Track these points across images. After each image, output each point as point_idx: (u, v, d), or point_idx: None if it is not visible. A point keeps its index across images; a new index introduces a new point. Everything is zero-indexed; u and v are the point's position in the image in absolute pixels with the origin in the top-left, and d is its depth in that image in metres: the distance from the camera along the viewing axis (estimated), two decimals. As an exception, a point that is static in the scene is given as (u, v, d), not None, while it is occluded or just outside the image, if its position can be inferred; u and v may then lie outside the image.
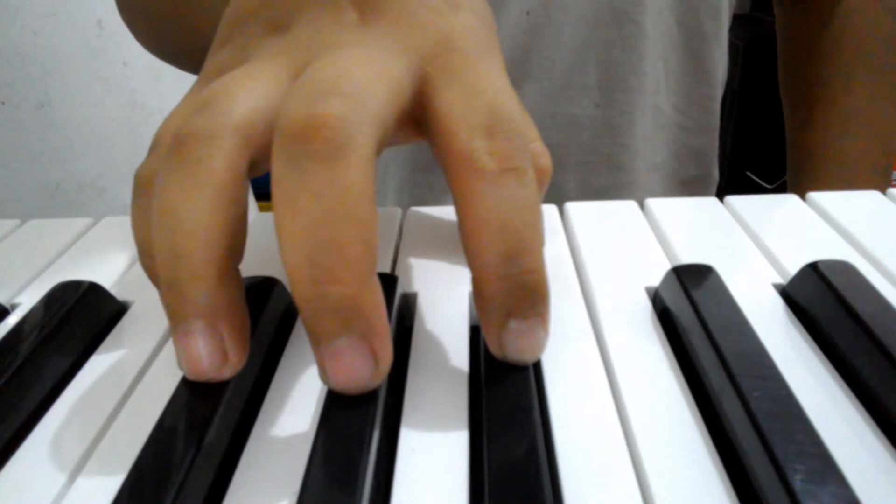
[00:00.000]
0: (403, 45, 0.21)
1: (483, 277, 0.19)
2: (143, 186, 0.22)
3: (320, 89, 0.19)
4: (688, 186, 0.56)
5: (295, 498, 0.17)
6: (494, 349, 0.20)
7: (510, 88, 0.21)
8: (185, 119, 0.20)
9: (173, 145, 0.19)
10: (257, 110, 0.20)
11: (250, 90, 0.20)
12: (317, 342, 0.18)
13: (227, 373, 0.20)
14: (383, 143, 0.20)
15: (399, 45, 0.21)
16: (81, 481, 0.19)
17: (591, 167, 0.52)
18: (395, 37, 0.21)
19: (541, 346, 0.20)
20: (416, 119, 0.21)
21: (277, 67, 0.21)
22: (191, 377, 0.20)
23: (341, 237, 0.17)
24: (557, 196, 0.53)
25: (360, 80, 0.19)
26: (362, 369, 0.18)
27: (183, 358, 0.19)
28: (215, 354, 0.19)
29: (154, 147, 0.22)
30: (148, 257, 0.22)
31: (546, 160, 0.27)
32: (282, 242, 0.18)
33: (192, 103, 0.20)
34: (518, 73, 0.49)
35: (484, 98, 0.20)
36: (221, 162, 0.19)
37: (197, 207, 0.19)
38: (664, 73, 0.51)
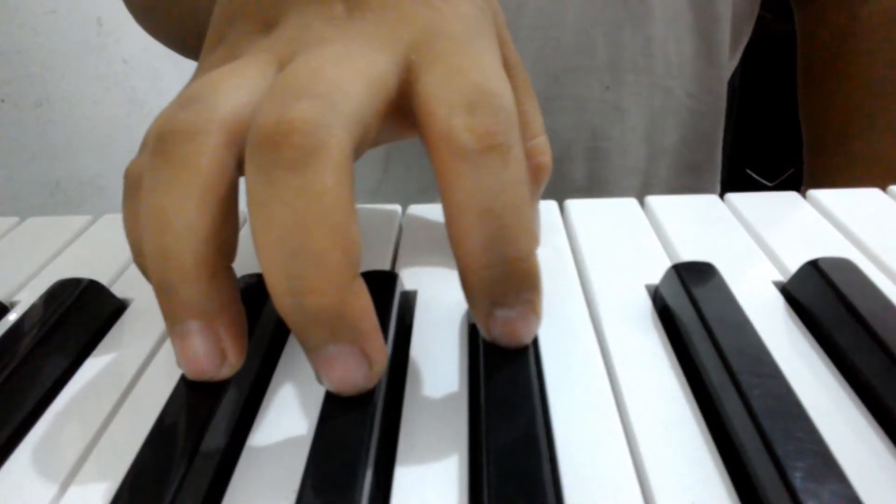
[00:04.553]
0: (388, 36, 0.20)
1: (466, 267, 0.19)
2: (133, 185, 0.21)
3: (291, 92, 0.18)
4: (694, 172, 0.56)
5: (294, 498, 0.17)
6: (483, 334, 0.20)
7: (498, 70, 0.20)
8: (169, 115, 0.19)
9: (158, 143, 0.19)
10: (243, 105, 0.19)
11: (236, 85, 0.20)
12: (307, 350, 0.18)
13: (226, 371, 0.19)
14: (364, 142, 0.19)
15: (384, 36, 0.20)
16: (81, 479, 0.19)
17: (599, 153, 0.52)
18: (381, 29, 0.21)
19: (531, 331, 0.20)
20: (406, 112, 0.20)
21: (264, 63, 0.21)
22: (190, 377, 0.20)
23: (316, 246, 0.17)
24: (564, 185, 0.52)
25: (334, 78, 0.19)
26: (356, 373, 0.18)
27: (181, 358, 0.19)
28: (213, 354, 0.19)
29: (144, 145, 0.22)
30: (141, 256, 0.21)
31: (546, 158, 0.27)
32: (258, 253, 0.17)
33: (179, 99, 0.20)
34: (521, 52, 0.48)
35: (466, 76, 0.19)
36: (207, 159, 0.18)
37: (184, 207, 0.18)
38: (676, 55, 0.50)
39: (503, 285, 0.19)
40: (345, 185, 0.17)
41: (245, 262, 0.21)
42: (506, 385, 0.20)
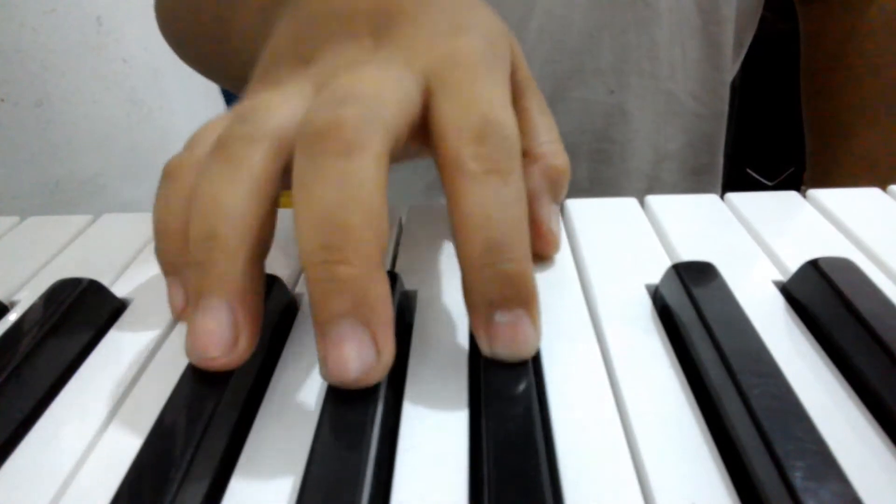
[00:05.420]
0: (411, 63, 0.23)
1: (467, 268, 0.20)
2: (172, 175, 0.24)
3: (338, 97, 0.20)
4: (698, 175, 0.56)
5: (296, 494, 0.17)
6: (484, 346, 0.21)
7: (505, 101, 0.22)
8: (227, 127, 0.22)
9: (217, 147, 0.21)
10: (288, 120, 0.22)
11: (282, 105, 0.22)
12: (322, 328, 0.19)
13: (232, 358, 0.20)
14: (395, 151, 0.21)
15: (408, 63, 0.23)
16: (81, 479, 0.19)
17: (604, 156, 0.52)
18: (405, 57, 0.23)
19: (528, 343, 0.21)
20: (424, 130, 0.22)
21: (304, 87, 0.23)
22: (196, 358, 0.20)
23: (352, 221, 0.19)
24: (567, 186, 0.52)
25: (373, 90, 0.21)
26: (364, 357, 0.19)
27: (193, 335, 0.20)
28: (227, 334, 0.20)
29: (189, 146, 0.24)
30: (165, 241, 0.23)
31: (560, 160, 0.28)
32: (297, 228, 0.19)
33: (233, 117, 0.23)
34: (528, 54, 0.49)
35: (477, 109, 0.21)
36: (259, 160, 0.21)
37: (236, 196, 0.20)
38: (681, 59, 0.51)
39: (500, 285, 0.20)
40: (382, 176, 0.20)
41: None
42: (506, 385, 0.20)
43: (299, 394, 0.22)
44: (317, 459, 0.17)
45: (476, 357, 0.22)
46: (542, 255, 0.28)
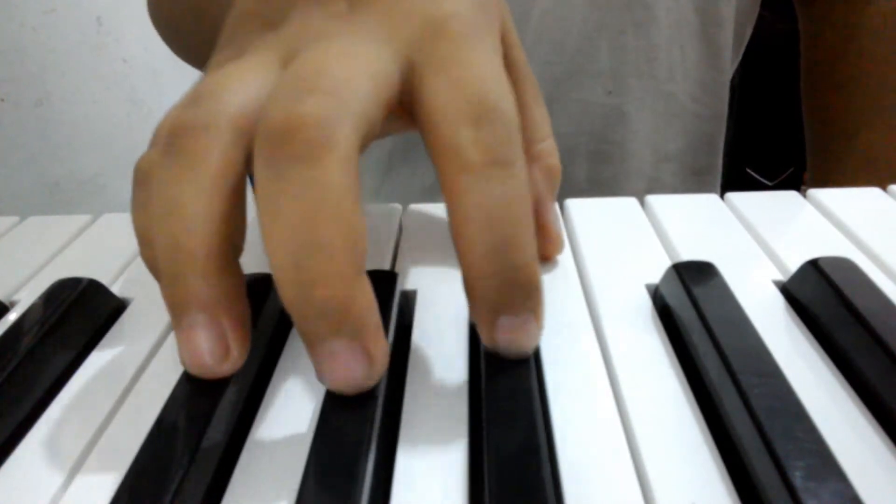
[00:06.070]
0: (391, 33, 0.21)
1: (471, 274, 0.19)
2: (143, 178, 0.22)
3: (299, 88, 0.19)
4: (698, 176, 0.56)
5: (294, 497, 0.17)
6: (486, 342, 0.20)
7: (499, 76, 0.20)
8: (181, 114, 0.20)
9: (169, 138, 0.19)
10: (250, 101, 0.20)
11: (242, 81, 0.20)
12: (309, 344, 0.18)
13: (228, 367, 0.19)
14: (369, 137, 0.20)
15: (386, 33, 0.21)
16: (81, 478, 0.19)
17: (602, 157, 0.52)
18: (383, 25, 0.21)
19: (533, 339, 0.20)
20: (408, 108, 0.21)
21: (268, 59, 0.21)
22: (192, 371, 0.20)
23: (323, 238, 0.17)
24: (566, 187, 0.52)
25: (341, 75, 0.19)
26: (357, 370, 0.18)
27: (185, 351, 0.19)
28: (217, 347, 0.19)
29: (154, 140, 0.23)
30: (148, 248, 0.22)
31: (555, 159, 0.27)
32: (266, 245, 0.18)
33: (189, 100, 0.20)
34: (526, 55, 0.49)
35: (470, 87, 0.19)
36: (217, 153, 0.19)
37: (196, 199, 0.19)
38: (680, 60, 0.51)
39: (507, 293, 0.19)
40: (352, 179, 0.18)
41: (248, 262, 0.21)
42: (506, 384, 0.20)
43: (299, 394, 0.22)
44: (316, 460, 0.17)
45: (476, 357, 0.22)
46: (548, 257, 0.28)
